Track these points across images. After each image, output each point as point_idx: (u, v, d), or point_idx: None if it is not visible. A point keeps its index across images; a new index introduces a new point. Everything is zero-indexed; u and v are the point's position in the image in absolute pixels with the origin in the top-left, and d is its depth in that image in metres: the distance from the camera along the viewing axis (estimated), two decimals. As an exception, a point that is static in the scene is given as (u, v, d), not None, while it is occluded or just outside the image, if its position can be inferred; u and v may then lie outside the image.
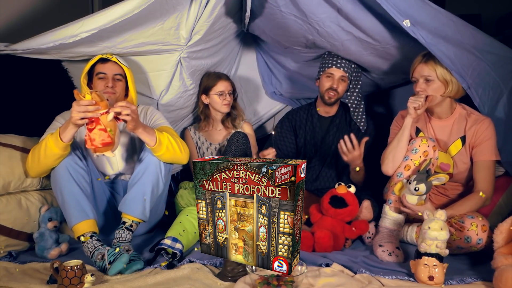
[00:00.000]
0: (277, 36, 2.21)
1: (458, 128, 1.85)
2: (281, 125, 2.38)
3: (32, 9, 2.46)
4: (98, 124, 1.55)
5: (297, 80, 2.66)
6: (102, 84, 1.86)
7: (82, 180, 1.70)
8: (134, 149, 2.00)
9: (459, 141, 1.84)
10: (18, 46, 1.71)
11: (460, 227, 1.67)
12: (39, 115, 1.96)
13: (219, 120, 2.42)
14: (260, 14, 2.02)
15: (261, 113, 2.88)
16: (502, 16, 3.66)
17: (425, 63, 1.79)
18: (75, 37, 1.67)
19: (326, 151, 2.27)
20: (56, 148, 1.62)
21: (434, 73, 1.78)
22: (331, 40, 2.01)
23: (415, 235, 1.84)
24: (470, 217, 1.68)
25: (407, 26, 1.67)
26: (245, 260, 1.32)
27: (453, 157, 1.86)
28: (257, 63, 2.75)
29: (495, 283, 1.35)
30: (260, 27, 2.18)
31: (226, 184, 1.29)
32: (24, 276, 1.51)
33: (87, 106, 1.51)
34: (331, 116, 2.31)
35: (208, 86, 2.32)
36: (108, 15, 1.65)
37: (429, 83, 1.79)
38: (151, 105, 2.18)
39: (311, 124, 2.31)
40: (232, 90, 2.36)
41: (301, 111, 2.38)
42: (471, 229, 1.64)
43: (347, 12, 1.81)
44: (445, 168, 1.87)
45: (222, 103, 2.31)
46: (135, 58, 2.04)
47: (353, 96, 2.21)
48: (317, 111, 2.32)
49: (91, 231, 1.64)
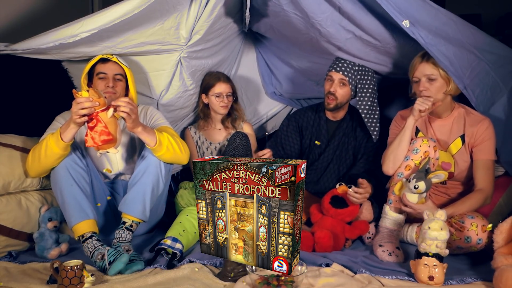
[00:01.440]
0: (286, 31, 2.17)
1: (458, 127, 1.85)
2: (288, 123, 2.33)
3: (32, 9, 2.46)
4: (99, 122, 1.55)
5: (297, 81, 2.65)
6: (103, 84, 1.86)
7: (82, 180, 1.70)
8: (134, 149, 2.00)
9: (459, 139, 1.84)
10: (18, 46, 1.71)
11: (460, 227, 1.67)
12: (39, 115, 1.96)
13: (219, 120, 2.42)
14: (265, 12, 2.01)
15: (261, 113, 2.88)
16: (502, 16, 3.66)
17: (426, 61, 1.78)
18: (75, 37, 1.67)
19: (330, 155, 2.24)
20: (57, 147, 1.62)
21: (437, 71, 1.76)
22: (333, 40, 2.00)
23: (415, 235, 1.84)
24: (470, 217, 1.68)
25: (406, 26, 1.67)
26: (245, 260, 1.32)
27: (454, 155, 1.85)
28: (257, 63, 2.75)
29: (495, 283, 1.35)
30: (266, 24, 2.16)
31: (226, 184, 1.29)
32: (24, 276, 1.51)
33: (84, 102, 1.51)
34: (338, 121, 2.26)
35: (207, 86, 2.32)
36: (108, 15, 1.65)
37: (432, 82, 1.78)
38: (151, 105, 2.18)
39: (318, 126, 2.28)
40: (232, 92, 2.36)
41: (309, 112, 2.33)
42: (471, 229, 1.64)
43: (348, 11, 1.80)
44: (446, 167, 1.86)
45: (219, 105, 2.31)
46: (135, 58, 2.04)
47: (364, 101, 2.11)
48: (325, 114, 2.28)
49: (91, 231, 1.64)
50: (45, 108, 1.98)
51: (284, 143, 2.30)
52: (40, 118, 1.91)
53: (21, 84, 2.09)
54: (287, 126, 2.32)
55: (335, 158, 2.24)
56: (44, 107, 2.01)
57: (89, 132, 1.56)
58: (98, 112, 1.55)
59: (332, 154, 2.24)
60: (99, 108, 1.54)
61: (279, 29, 2.19)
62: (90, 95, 1.53)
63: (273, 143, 2.31)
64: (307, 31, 2.03)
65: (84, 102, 1.51)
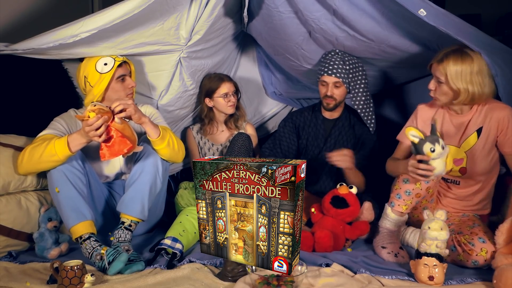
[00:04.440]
0: (273, 40, 2.20)
1: (475, 121, 1.76)
2: (284, 125, 2.34)
3: (32, 9, 2.46)
4: (115, 132, 1.56)
5: (297, 81, 2.66)
6: (122, 86, 1.88)
7: (79, 182, 1.69)
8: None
9: (475, 134, 1.76)
10: (18, 46, 1.71)
11: (469, 250, 1.59)
12: (39, 115, 1.96)
13: (222, 121, 2.41)
14: (257, 15, 2.02)
15: (261, 113, 2.88)
16: (502, 16, 3.67)
17: (438, 62, 1.67)
18: (75, 37, 1.67)
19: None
20: (61, 155, 1.61)
21: (444, 77, 1.65)
22: (326, 35, 2.02)
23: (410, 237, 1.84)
24: (481, 240, 1.60)
25: (423, 15, 1.59)
26: (245, 260, 1.32)
27: (467, 151, 1.78)
28: (257, 63, 2.75)
29: (495, 283, 1.35)
30: (257, 29, 2.18)
31: (226, 184, 1.29)
32: (24, 276, 1.51)
33: (96, 123, 1.51)
34: (335, 119, 2.26)
35: (211, 89, 2.30)
36: (108, 15, 1.65)
37: (439, 85, 1.71)
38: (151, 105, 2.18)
39: (314, 126, 2.28)
40: (236, 90, 2.35)
41: (305, 112, 2.33)
42: (480, 254, 1.57)
43: (342, 13, 1.81)
44: (458, 163, 1.80)
45: (227, 105, 2.30)
46: (135, 58, 2.04)
47: (358, 96, 2.13)
48: (321, 113, 2.27)
49: (89, 232, 1.63)
50: (45, 108, 1.98)
51: (281, 144, 2.30)
52: (40, 118, 1.90)
53: (21, 84, 2.08)
54: (283, 127, 2.32)
55: None
56: (44, 107, 2.01)
57: (105, 146, 1.57)
58: (109, 125, 1.56)
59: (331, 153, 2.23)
60: (109, 120, 1.55)
61: (267, 39, 2.22)
62: (98, 113, 1.53)
63: (271, 144, 2.31)
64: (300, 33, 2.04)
65: (96, 123, 1.51)
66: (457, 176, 1.83)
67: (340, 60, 2.08)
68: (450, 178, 1.86)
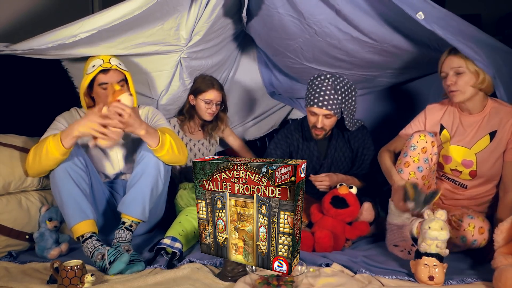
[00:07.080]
0: (271, 39, 2.19)
1: (488, 123, 1.75)
2: (275, 146, 2.20)
3: (32, 9, 2.46)
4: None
5: (296, 81, 2.66)
6: (105, 93, 1.83)
7: (81, 181, 1.70)
8: (135, 148, 1.99)
9: (487, 137, 1.75)
10: (18, 46, 1.71)
11: (458, 226, 1.66)
12: (39, 115, 1.96)
13: (199, 124, 2.44)
14: (257, 15, 2.01)
15: (261, 113, 2.89)
16: (502, 16, 3.67)
17: (454, 54, 1.69)
18: (75, 37, 1.67)
19: (325, 173, 2.11)
20: (57, 152, 1.62)
21: (464, 64, 1.66)
22: (328, 39, 2.01)
23: (416, 230, 1.82)
24: (470, 217, 1.67)
25: (420, 18, 1.60)
26: (245, 260, 1.32)
27: (477, 154, 1.76)
28: (257, 63, 2.75)
29: (495, 283, 1.35)
30: (256, 30, 2.18)
31: (226, 184, 1.29)
32: (24, 276, 1.51)
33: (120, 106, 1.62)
34: (328, 138, 2.15)
35: (199, 90, 2.30)
36: (108, 15, 1.65)
37: (459, 76, 1.69)
38: (151, 105, 2.18)
39: (307, 150, 2.18)
40: (221, 101, 2.35)
41: (296, 134, 2.19)
42: (468, 229, 1.63)
43: (346, 13, 1.81)
44: (468, 165, 1.79)
45: (206, 111, 2.31)
46: (135, 58, 2.04)
47: (348, 116, 2.02)
48: (311, 135, 2.11)
49: (91, 231, 1.64)
50: (45, 108, 1.98)
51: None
52: (40, 118, 1.90)
53: (21, 84, 2.09)
54: (275, 150, 2.20)
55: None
56: (44, 107, 2.01)
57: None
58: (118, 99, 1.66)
59: (327, 172, 2.13)
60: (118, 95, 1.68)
61: (266, 39, 2.22)
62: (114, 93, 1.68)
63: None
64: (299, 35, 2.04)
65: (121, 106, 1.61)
66: (467, 180, 1.82)
67: (332, 89, 1.93)
68: (459, 180, 1.85)
